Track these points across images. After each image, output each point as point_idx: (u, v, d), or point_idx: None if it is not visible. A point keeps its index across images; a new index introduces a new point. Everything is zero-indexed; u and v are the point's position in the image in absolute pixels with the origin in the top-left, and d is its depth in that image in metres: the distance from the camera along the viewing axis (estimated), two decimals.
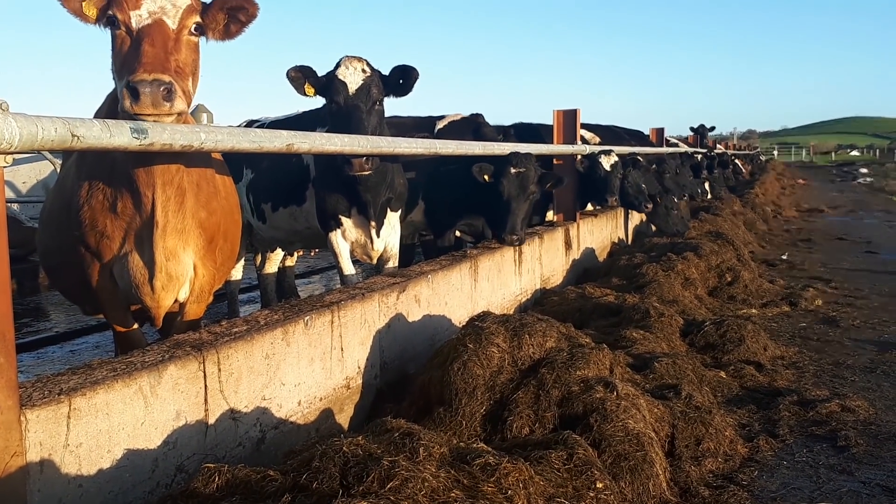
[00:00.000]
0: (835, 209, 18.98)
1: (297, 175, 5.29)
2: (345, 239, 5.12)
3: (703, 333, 5.37)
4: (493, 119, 7.59)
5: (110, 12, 2.91)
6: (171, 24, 2.92)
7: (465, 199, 6.40)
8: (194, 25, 3.03)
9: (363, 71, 4.51)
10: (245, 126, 6.17)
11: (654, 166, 9.25)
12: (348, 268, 5.16)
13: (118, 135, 2.39)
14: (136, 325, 3.75)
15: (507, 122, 9.00)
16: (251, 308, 8.15)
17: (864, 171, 48.46)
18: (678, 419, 3.68)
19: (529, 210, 6.17)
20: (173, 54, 2.86)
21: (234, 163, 6.08)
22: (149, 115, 2.63)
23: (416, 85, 4.58)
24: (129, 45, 2.86)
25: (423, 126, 6.54)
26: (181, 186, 3.23)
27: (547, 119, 8.16)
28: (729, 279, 7.43)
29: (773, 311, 6.98)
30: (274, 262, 6.85)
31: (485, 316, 3.95)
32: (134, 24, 2.87)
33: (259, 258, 6.96)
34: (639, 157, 8.50)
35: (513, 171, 5.90)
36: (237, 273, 6.33)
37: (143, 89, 2.59)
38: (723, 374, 4.84)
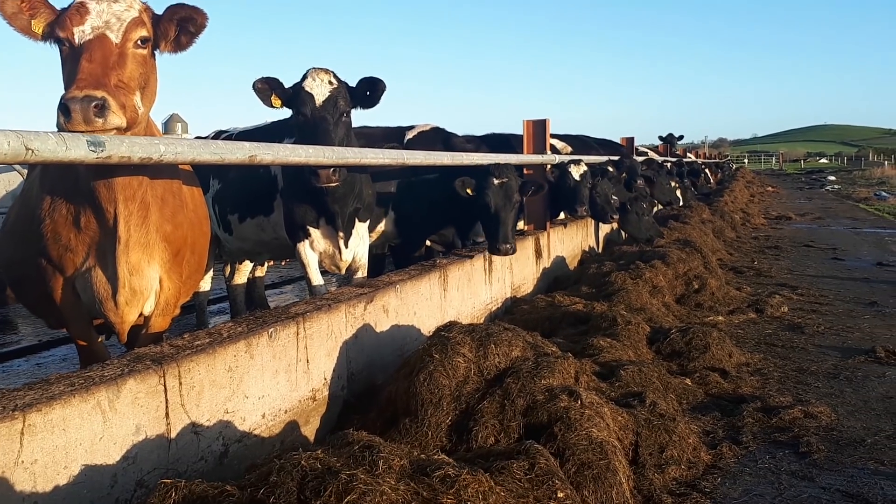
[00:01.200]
0: (802, 216, 19.26)
1: (264, 186, 5.27)
2: (313, 250, 5.11)
3: (669, 341, 5.42)
4: (464, 130, 7.61)
5: (56, 30, 2.89)
6: (115, 38, 2.88)
7: (437, 209, 6.42)
8: (141, 38, 2.99)
9: (330, 83, 4.51)
10: (213, 136, 6.14)
11: (623, 175, 9.31)
12: (317, 278, 5.14)
13: (74, 148, 2.38)
14: (99, 339, 3.72)
15: (479, 133, 9.03)
16: (221, 319, 8.09)
17: (831, 178, 49.20)
18: (642, 427, 3.71)
19: (516, 218, 6.22)
20: (115, 69, 2.81)
21: (200, 173, 6.03)
22: (82, 132, 2.57)
23: (383, 97, 4.58)
24: (71, 63, 2.82)
25: (392, 136, 6.55)
26: (144, 201, 3.20)
27: (518, 129, 8.20)
28: (696, 287, 7.51)
29: (740, 317, 7.06)
30: (243, 273, 6.81)
31: (451, 326, 3.96)
32: (77, 41, 2.84)
33: (228, 269, 6.91)
34: (609, 168, 8.57)
35: (496, 181, 5.95)
36: (206, 284, 6.28)
37: (73, 106, 2.55)
38: (688, 381, 4.89)
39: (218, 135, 6.11)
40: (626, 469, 3.31)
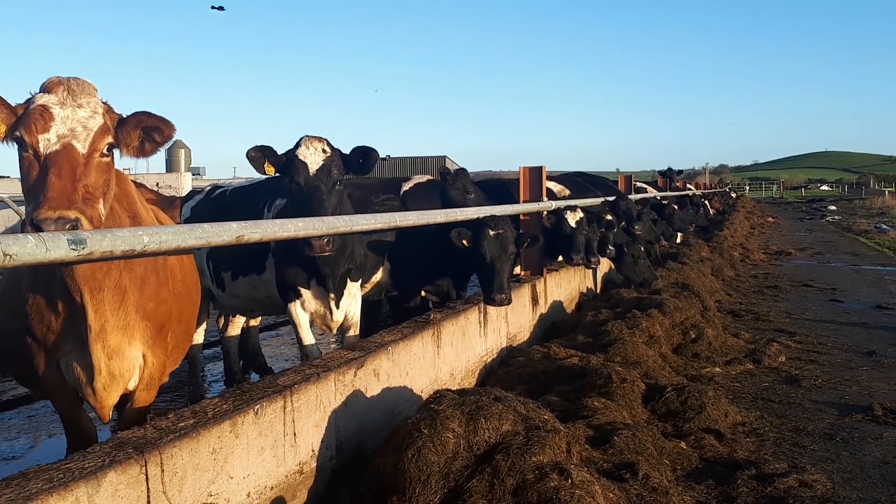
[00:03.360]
0: (802, 251, 19.22)
1: (257, 245, 5.24)
2: (304, 310, 5.08)
3: (664, 400, 5.37)
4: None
5: (17, 133, 2.80)
6: (81, 148, 2.81)
7: (432, 260, 6.41)
8: (107, 146, 2.93)
9: (323, 151, 4.51)
10: (210, 190, 6.14)
11: (622, 223, 9.31)
12: (308, 338, 5.11)
13: (55, 248, 2.36)
14: (84, 413, 3.67)
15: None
16: (215, 367, 8.04)
17: (832, 208, 49.26)
18: None
19: (512, 269, 6.22)
20: (82, 180, 2.75)
21: None
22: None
23: (375, 165, 4.59)
24: (36, 172, 2.74)
25: (388, 188, 6.56)
26: (120, 286, 3.17)
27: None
28: (693, 336, 7.46)
29: (737, 368, 7.01)
30: (237, 324, 6.78)
31: (441, 398, 3.91)
32: (42, 150, 2.76)
33: (222, 320, 6.88)
34: (608, 217, 8.57)
35: (491, 233, 5.97)
36: (199, 337, 6.25)
37: (46, 228, 2.51)
38: (683, 444, 4.83)
39: (213, 189, 6.11)
40: None
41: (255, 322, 7.26)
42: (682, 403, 5.34)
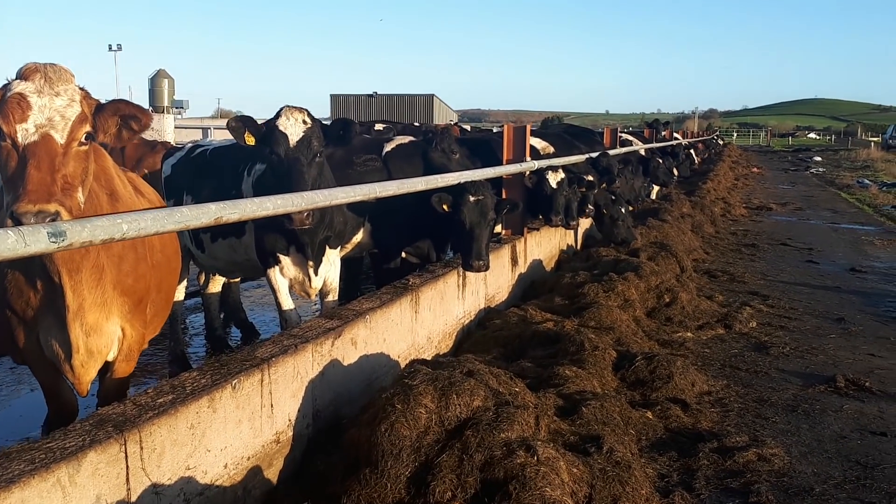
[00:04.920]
0: (783, 206, 19.38)
1: None
2: (283, 276, 5.15)
3: (634, 369, 5.52)
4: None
5: None
6: (60, 138, 2.81)
7: (413, 222, 6.46)
8: (85, 135, 2.93)
9: (304, 122, 4.51)
10: (190, 148, 6.12)
11: (603, 183, 9.35)
12: (287, 303, 5.19)
13: (35, 242, 2.40)
14: (65, 383, 3.75)
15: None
16: (197, 319, 8.12)
17: (817, 159, 49.40)
18: (597, 478, 3.80)
19: (491, 235, 6.28)
20: (60, 171, 2.77)
21: (174, 187, 6.05)
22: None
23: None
24: (15, 163, 2.75)
25: (370, 148, 6.55)
26: (98, 264, 3.21)
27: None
28: (667, 300, 7.61)
29: (709, 333, 7.19)
30: (218, 281, 6.83)
31: (415, 373, 4.02)
32: (20, 140, 2.76)
33: (203, 277, 6.93)
34: (589, 177, 8.61)
35: (472, 199, 6.01)
36: (179, 294, 6.30)
37: (26, 221, 2.54)
38: (650, 414, 5.00)
39: (194, 149, 6.09)
40: None
41: (235, 279, 7.32)
42: (650, 372, 5.49)
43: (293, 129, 4.47)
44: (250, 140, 4.53)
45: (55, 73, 2.84)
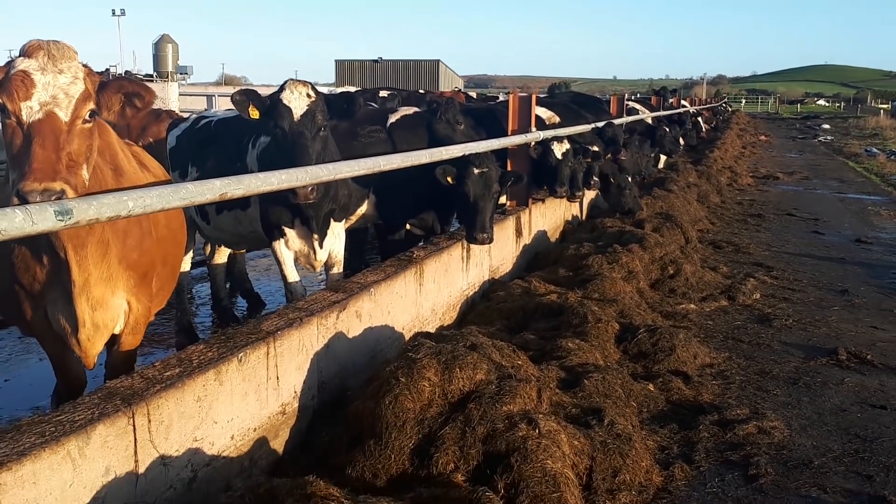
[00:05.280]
0: (790, 175, 19.29)
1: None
2: (288, 248, 5.18)
3: (636, 341, 5.56)
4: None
5: (1, 100, 2.79)
6: (64, 115, 2.82)
7: (418, 194, 6.46)
8: (89, 112, 2.94)
9: (308, 96, 4.50)
10: (195, 119, 6.12)
11: (608, 154, 9.31)
12: (292, 275, 5.23)
13: (42, 221, 2.43)
14: (73, 355, 3.79)
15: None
16: (203, 288, 8.17)
17: (826, 126, 49.01)
18: (598, 451, 3.85)
19: (495, 207, 6.29)
20: (65, 149, 2.78)
21: (179, 158, 6.06)
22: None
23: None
24: (20, 140, 2.76)
25: (375, 119, 6.53)
26: (103, 239, 3.24)
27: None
28: (671, 272, 7.63)
29: (712, 305, 7.21)
30: (223, 252, 6.86)
31: (419, 346, 4.06)
32: (25, 117, 2.77)
33: (209, 248, 6.96)
34: (594, 148, 8.57)
35: (476, 171, 6.00)
36: (185, 265, 6.33)
37: (32, 200, 2.56)
38: (651, 386, 5.04)
39: (199, 120, 6.07)
40: (577, 500, 3.46)
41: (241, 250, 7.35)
42: (653, 345, 5.53)
43: (297, 103, 4.47)
44: (254, 113, 4.53)
45: (58, 51, 2.84)
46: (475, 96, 25.88)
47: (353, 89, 18.08)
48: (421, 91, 18.21)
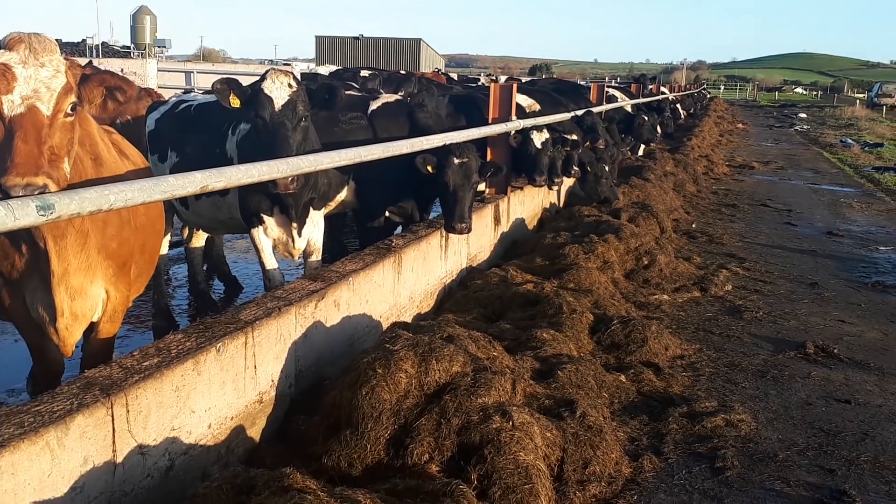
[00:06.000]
0: (766, 165, 19.51)
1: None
2: (267, 236, 5.19)
3: (610, 332, 5.66)
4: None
5: None
6: (46, 109, 2.83)
7: (397, 182, 6.48)
8: (71, 106, 2.95)
9: (289, 86, 4.50)
10: (175, 103, 6.08)
11: (587, 142, 9.37)
12: (270, 263, 5.25)
13: (24, 216, 2.44)
14: (51, 342, 3.80)
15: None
16: (180, 270, 8.15)
17: (802, 115, 49.43)
18: (569, 442, 3.94)
19: (473, 197, 6.33)
20: (47, 142, 2.79)
21: (159, 143, 6.03)
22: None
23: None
24: (1, 134, 2.77)
25: (356, 106, 6.52)
26: (82, 230, 3.25)
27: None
28: (646, 262, 7.73)
29: (684, 296, 7.33)
30: (201, 236, 6.84)
31: (396, 337, 4.11)
32: (6, 111, 2.78)
33: (186, 231, 6.95)
34: (573, 137, 8.62)
35: (456, 161, 6.03)
36: (164, 248, 6.32)
37: (14, 194, 2.57)
38: (623, 377, 5.14)
39: (178, 104, 6.02)
40: (549, 491, 3.55)
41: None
42: (626, 336, 5.63)
43: (278, 93, 4.47)
44: (235, 102, 4.53)
45: (40, 44, 2.83)
46: (456, 77, 25.81)
47: (333, 68, 17.96)
48: (402, 72, 18.12)
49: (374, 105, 6.60)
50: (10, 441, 2.60)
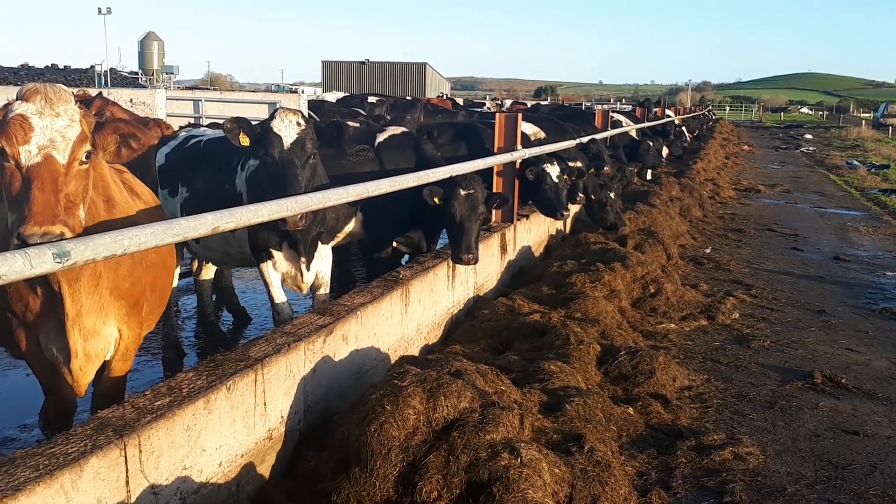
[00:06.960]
0: (772, 188, 19.51)
1: (230, 200, 5.32)
2: (276, 270, 5.26)
3: (617, 364, 5.67)
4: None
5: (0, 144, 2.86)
6: (62, 158, 2.90)
7: (404, 213, 6.54)
8: (85, 154, 3.02)
9: (298, 124, 4.58)
10: (184, 138, 6.17)
11: (592, 169, 9.43)
12: (279, 296, 5.30)
13: (40, 264, 2.49)
14: (64, 381, 3.84)
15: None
16: (189, 301, 8.20)
17: (808, 137, 49.51)
18: (578, 478, 3.95)
19: (480, 228, 6.38)
20: (63, 190, 2.87)
21: (169, 176, 6.11)
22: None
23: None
24: (19, 183, 2.84)
25: (363, 138, 6.61)
26: (95, 272, 3.31)
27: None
28: (652, 290, 7.75)
29: (692, 325, 7.34)
30: (210, 268, 6.91)
31: (404, 373, 4.14)
32: (24, 161, 2.85)
33: (196, 263, 7.01)
34: (579, 164, 8.69)
35: (462, 193, 6.10)
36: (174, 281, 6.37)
37: (32, 242, 2.64)
38: (631, 410, 5.15)
39: (188, 139, 6.11)
40: None
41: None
42: (633, 367, 5.64)
43: (287, 132, 4.54)
44: (245, 141, 4.61)
45: (55, 94, 2.91)
46: (461, 102, 26.00)
47: (340, 94, 18.14)
48: (408, 97, 18.29)
49: (380, 137, 6.68)
50: (26, 484, 2.64)
